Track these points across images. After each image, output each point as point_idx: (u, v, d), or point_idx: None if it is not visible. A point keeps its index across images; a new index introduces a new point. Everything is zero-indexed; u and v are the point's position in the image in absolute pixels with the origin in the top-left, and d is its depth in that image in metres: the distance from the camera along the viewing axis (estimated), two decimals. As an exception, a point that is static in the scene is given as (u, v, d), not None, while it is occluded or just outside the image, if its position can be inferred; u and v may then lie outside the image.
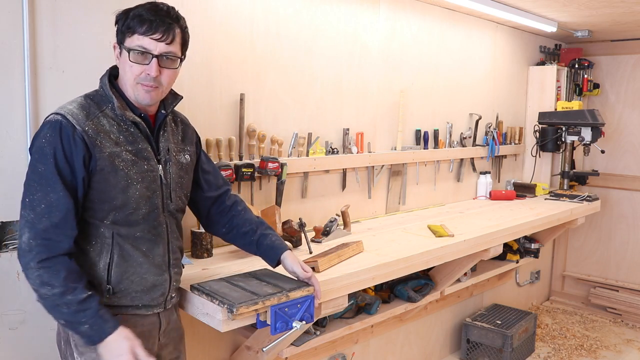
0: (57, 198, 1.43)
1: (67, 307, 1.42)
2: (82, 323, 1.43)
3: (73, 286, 1.43)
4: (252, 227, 1.83)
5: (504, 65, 4.07)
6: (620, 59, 4.63)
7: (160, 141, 1.62)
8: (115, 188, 1.50)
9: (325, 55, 2.75)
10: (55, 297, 1.42)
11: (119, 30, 1.51)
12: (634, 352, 3.97)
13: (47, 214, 1.42)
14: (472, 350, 3.62)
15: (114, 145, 1.50)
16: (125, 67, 1.51)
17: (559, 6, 3.41)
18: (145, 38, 1.47)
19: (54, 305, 1.43)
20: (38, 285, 1.42)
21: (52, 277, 1.41)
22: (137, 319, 1.60)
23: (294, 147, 2.62)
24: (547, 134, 4.13)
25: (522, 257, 3.77)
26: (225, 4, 2.30)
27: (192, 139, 1.78)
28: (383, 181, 3.19)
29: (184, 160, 1.70)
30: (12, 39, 1.74)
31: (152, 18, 1.47)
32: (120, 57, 1.52)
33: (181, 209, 1.72)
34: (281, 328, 1.66)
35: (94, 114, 1.50)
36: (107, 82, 1.54)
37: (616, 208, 4.72)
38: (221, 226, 1.85)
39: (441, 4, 3.32)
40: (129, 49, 1.48)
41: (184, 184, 1.70)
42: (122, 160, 1.51)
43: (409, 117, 3.30)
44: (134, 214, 1.54)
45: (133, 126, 1.55)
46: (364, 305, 2.68)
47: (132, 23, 1.48)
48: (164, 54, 1.51)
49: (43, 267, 1.41)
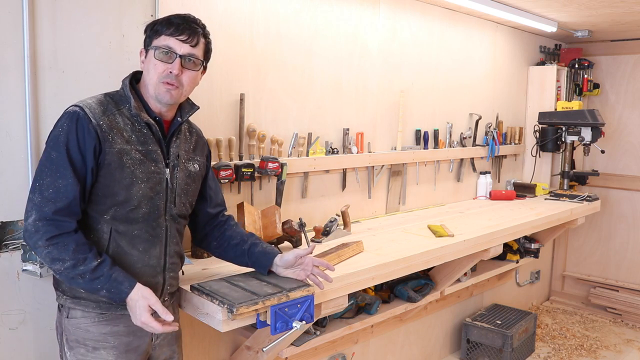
0: (66, 185, 1.48)
1: (82, 278, 1.48)
2: (99, 289, 1.50)
3: (83, 257, 1.48)
4: (243, 239, 1.86)
5: (504, 65, 4.07)
6: (620, 59, 4.63)
7: (172, 146, 1.67)
8: (120, 184, 1.54)
9: (325, 55, 2.75)
10: (69, 271, 1.47)
11: (147, 36, 1.61)
12: (634, 352, 3.97)
13: (53, 199, 1.48)
14: (472, 350, 3.62)
15: (125, 143, 1.55)
16: (149, 66, 1.58)
17: (559, 6, 3.41)
18: (171, 38, 1.57)
19: (69, 278, 1.50)
20: (49, 263, 1.48)
21: (62, 252, 1.47)
22: (129, 318, 1.61)
23: (294, 147, 2.62)
24: (547, 134, 4.13)
25: (522, 257, 3.77)
26: (225, 4, 2.30)
27: (204, 151, 1.83)
28: (383, 181, 3.19)
29: (192, 169, 1.74)
30: (12, 39, 1.74)
31: (179, 22, 1.58)
32: (146, 58, 1.60)
33: (184, 215, 1.74)
34: (281, 328, 1.66)
35: (110, 110, 1.56)
36: (127, 83, 1.61)
37: (616, 208, 4.72)
38: (213, 239, 1.88)
39: (441, 4, 3.32)
40: (155, 47, 1.56)
41: (189, 191, 1.73)
42: (131, 158, 1.56)
43: (409, 117, 3.30)
44: (134, 212, 1.57)
45: (146, 127, 1.60)
46: (364, 305, 2.68)
47: (159, 26, 1.58)
48: (188, 55, 1.58)
49: (52, 244, 1.47)
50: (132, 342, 1.64)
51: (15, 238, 1.80)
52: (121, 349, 1.62)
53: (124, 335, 1.62)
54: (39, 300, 1.85)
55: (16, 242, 1.79)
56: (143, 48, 1.62)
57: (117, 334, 1.61)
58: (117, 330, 1.61)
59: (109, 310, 1.59)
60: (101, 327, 1.59)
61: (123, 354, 1.62)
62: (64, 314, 1.62)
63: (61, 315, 1.63)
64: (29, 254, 1.78)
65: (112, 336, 1.60)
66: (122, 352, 1.62)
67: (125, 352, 1.62)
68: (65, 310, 1.61)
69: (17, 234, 1.80)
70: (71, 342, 1.60)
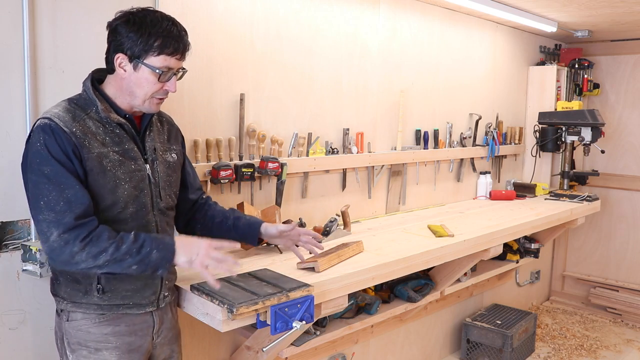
0: (74, 192, 1.46)
1: (129, 255, 1.47)
2: (149, 253, 1.49)
3: (119, 237, 1.48)
4: (226, 215, 1.90)
5: (504, 65, 4.07)
6: (620, 59, 4.63)
7: (147, 141, 1.66)
8: (104, 188, 1.53)
9: (325, 55, 2.75)
10: (115, 255, 1.46)
11: (135, 44, 1.51)
12: (634, 352, 3.97)
13: (68, 210, 1.44)
14: (472, 350, 3.62)
15: (101, 146, 1.53)
16: (141, 81, 1.54)
17: (559, 6, 3.41)
18: (171, 59, 1.55)
19: (118, 263, 1.47)
20: (94, 260, 1.45)
21: (100, 243, 1.45)
22: (130, 318, 1.62)
23: (294, 147, 2.62)
24: (547, 134, 4.13)
25: (522, 257, 3.77)
26: (225, 4, 2.30)
27: (178, 138, 1.82)
28: (383, 181, 3.19)
29: (171, 159, 1.73)
30: (12, 39, 1.74)
31: (177, 39, 1.54)
32: (136, 71, 1.53)
33: (171, 207, 1.75)
34: (281, 328, 1.66)
35: (79, 116, 1.53)
36: (90, 86, 1.57)
37: (616, 208, 4.72)
38: (196, 223, 1.90)
39: (441, 4, 3.32)
40: (153, 67, 1.53)
41: (172, 182, 1.74)
42: (110, 160, 1.54)
43: (409, 117, 3.30)
44: (122, 213, 1.57)
45: (118, 127, 1.58)
46: (364, 305, 2.68)
47: (158, 43, 1.52)
48: (179, 69, 1.61)
49: (87, 244, 1.44)
50: (134, 342, 1.63)
51: (15, 238, 1.80)
52: (123, 349, 1.61)
53: (126, 335, 1.62)
54: (39, 300, 1.85)
55: (16, 242, 1.79)
56: (125, 55, 1.52)
57: (119, 334, 1.61)
58: (119, 330, 1.61)
59: (110, 310, 1.59)
60: (102, 328, 1.59)
61: (126, 354, 1.62)
62: (63, 317, 1.60)
63: (61, 319, 1.62)
64: (29, 254, 1.77)
65: (114, 336, 1.60)
66: (125, 352, 1.61)
67: (128, 352, 1.62)
68: (65, 314, 1.60)
69: (17, 234, 1.80)
70: (73, 344, 1.59)
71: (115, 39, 1.54)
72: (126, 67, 1.54)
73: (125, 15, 1.54)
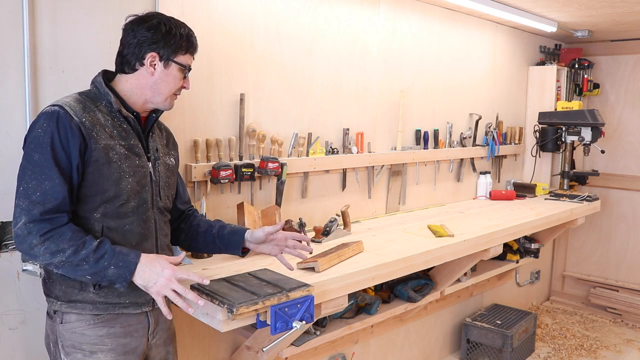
0: (52, 186, 1.46)
1: (86, 262, 1.45)
2: (106, 267, 1.46)
3: (82, 241, 1.46)
4: (210, 224, 1.88)
5: (504, 65, 4.07)
6: (620, 59, 4.63)
7: (150, 141, 1.70)
8: (109, 180, 1.54)
9: (325, 55, 2.75)
10: (71, 258, 1.44)
11: (168, 44, 1.60)
12: (634, 352, 3.97)
13: (41, 201, 1.45)
14: (472, 350, 3.62)
15: (109, 138, 1.56)
16: (168, 78, 1.62)
17: (559, 6, 3.41)
18: (191, 57, 1.68)
19: (73, 267, 1.45)
20: (50, 257, 1.44)
21: (59, 242, 1.44)
22: (125, 319, 1.61)
23: (294, 147, 2.62)
24: (547, 134, 4.13)
25: (522, 257, 3.77)
26: (225, 4, 2.30)
27: (175, 146, 1.87)
28: (383, 181, 3.19)
29: (170, 162, 1.77)
30: (12, 39, 1.74)
31: (194, 39, 1.67)
32: (165, 69, 1.61)
33: (168, 208, 1.76)
34: (281, 328, 1.66)
35: (89, 107, 1.56)
36: (101, 81, 1.61)
37: (616, 208, 4.72)
38: (181, 232, 1.89)
39: (441, 4, 3.32)
40: (180, 64, 1.63)
41: (170, 184, 1.77)
42: (116, 153, 1.57)
43: (409, 117, 3.30)
44: (124, 206, 1.58)
45: (126, 122, 1.62)
46: (364, 305, 2.68)
47: (184, 43, 1.63)
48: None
49: (47, 239, 1.43)
50: (129, 344, 1.62)
51: (15, 238, 1.80)
52: (119, 350, 1.60)
53: (121, 337, 1.60)
54: (39, 300, 1.84)
55: (16, 242, 1.79)
56: (157, 53, 1.59)
57: (114, 335, 1.59)
58: (114, 332, 1.59)
59: (106, 310, 1.57)
60: (97, 330, 1.57)
61: (121, 355, 1.60)
62: (57, 320, 1.58)
63: (54, 322, 1.59)
64: (29, 254, 1.77)
65: (109, 338, 1.58)
66: (120, 354, 1.60)
67: (124, 354, 1.61)
68: (59, 316, 1.57)
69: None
70: (67, 347, 1.57)
71: (144, 40, 1.58)
72: (157, 66, 1.60)
73: (149, 18, 1.60)
